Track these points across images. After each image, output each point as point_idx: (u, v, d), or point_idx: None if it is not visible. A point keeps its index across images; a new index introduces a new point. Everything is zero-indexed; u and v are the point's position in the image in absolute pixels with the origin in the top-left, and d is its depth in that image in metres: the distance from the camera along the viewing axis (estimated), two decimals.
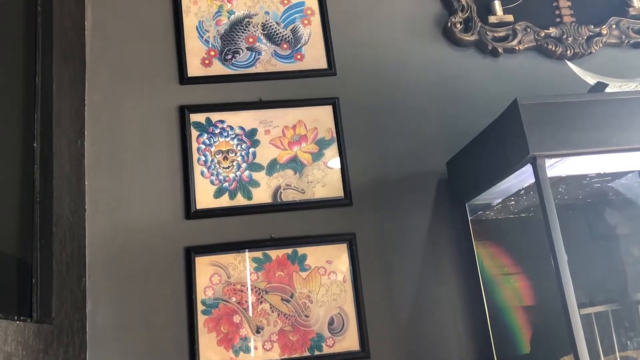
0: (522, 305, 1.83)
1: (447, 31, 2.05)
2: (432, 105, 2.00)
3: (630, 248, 1.91)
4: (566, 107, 1.43)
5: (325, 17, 2.04)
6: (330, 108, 1.94)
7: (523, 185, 1.61)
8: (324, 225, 1.84)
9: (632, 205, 1.91)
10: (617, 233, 1.93)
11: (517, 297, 1.84)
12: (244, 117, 1.91)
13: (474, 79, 2.04)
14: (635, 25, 2.12)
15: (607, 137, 1.42)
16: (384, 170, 1.92)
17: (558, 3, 2.11)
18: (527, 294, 1.85)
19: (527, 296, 1.85)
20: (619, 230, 1.93)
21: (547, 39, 2.06)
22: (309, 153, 1.90)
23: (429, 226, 1.88)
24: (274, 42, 2.00)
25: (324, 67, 1.99)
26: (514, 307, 1.83)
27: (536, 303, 1.85)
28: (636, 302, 1.80)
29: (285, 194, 1.85)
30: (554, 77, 2.03)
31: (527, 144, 1.37)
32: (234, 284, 1.75)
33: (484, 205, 1.82)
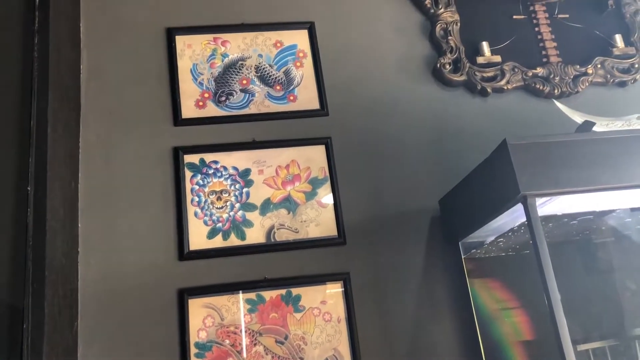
0: (519, 340, 1.82)
1: (437, 72, 2.10)
2: (424, 144, 2.03)
3: (626, 283, 1.92)
4: (555, 147, 1.45)
5: (317, 59, 2.08)
6: (323, 147, 1.97)
7: (515, 223, 1.63)
8: (318, 265, 1.83)
9: (625, 240, 1.93)
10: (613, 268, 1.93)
11: (515, 333, 1.83)
12: (238, 158, 1.92)
13: (464, 118, 2.07)
14: (620, 64, 2.17)
15: (595, 176, 1.44)
16: (377, 209, 1.93)
17: (544, 43, 2.16)
18: (524, 329, 1.84)
19: (525, 331, 1.84)
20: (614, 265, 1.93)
21: (534, 78, 2.10)
22: (303, 192, 1.91)
23: (423, 264, 1.88)
24: (267, 84, 2.04)
25: (316, 108, 2.02)
26: (511, 342, 1.81)
27: (534, 338, 1.83)
28: (634, 337, 1.79)
29: (279, 234, 1.85)
30: (542, 115, 2.06)
31: (517, 183, 1.39)
32: (227, 326, 1.74)
33: (477, 243, 1.82)
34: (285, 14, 2.13)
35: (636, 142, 1.50)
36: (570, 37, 2.19)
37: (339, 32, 2.14)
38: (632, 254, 1.93)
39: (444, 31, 2.13)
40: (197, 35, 2.06)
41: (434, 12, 2.15)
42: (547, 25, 2.19)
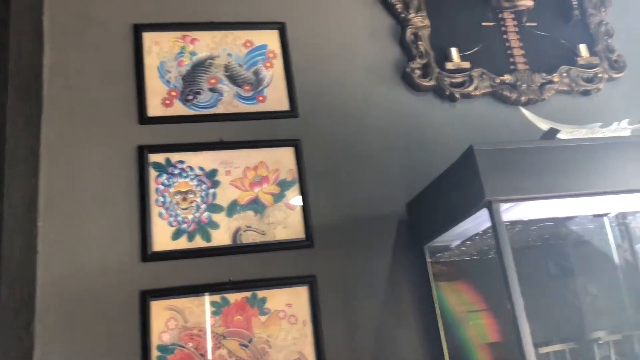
0: (485, 342, 1.84)
1: (407, 76, 2.11)
2: (393, 148, 2.03)
3: (587, 287, 1.95)
4: (520, 153, 1.47)
5: (287, 60, 2.06)
6: (292, 149, 1.95)
7: (480, 228, 1.64)
8: (285, 268, 1.82)
9: (587, 245, 1.97)
10: (574, 273, 1.97)
11: (481, 335, 1.85)
12: (205, 158, 1.89)
13: (433, 122, 2.08)
14: (584, 73, 2.21)
15: (559, 183, 1.46)
16: (346, 212, 1.92)
17: (512, 51, 2.19)
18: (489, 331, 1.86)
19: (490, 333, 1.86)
20: (576, 270, 1.97)
21: (502, 85, 2.13)
22: (271, 194, 1.90)
23: (390, 268, 1.89)
24: (236, 84, 2.01)
25: (286, 109, 2.00)
26: (477, 344, 1.83)
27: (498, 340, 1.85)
28: (593, 340, 1.82)
29: (246, 236, 1.83)
30: (509, 122, 2.08)
31: (482, 188, 1.40)
32: (191, 329, 1.71)
33: (443, 247, 1.84)
34: (256, 14, 2.11)
35: (598, 150, 1.52)
36: (538, 45, 2.22)
37: (310, 33, 2.13)
38: (593, 259, 1.97)
39: (414, 36, 2.14)
40: (165, 32, 2.03)
41: (404, 16, 2.16)
42: (515, 32, 2.22)
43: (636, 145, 1.58)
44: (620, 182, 1.50)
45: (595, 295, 1.94)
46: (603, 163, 1.50)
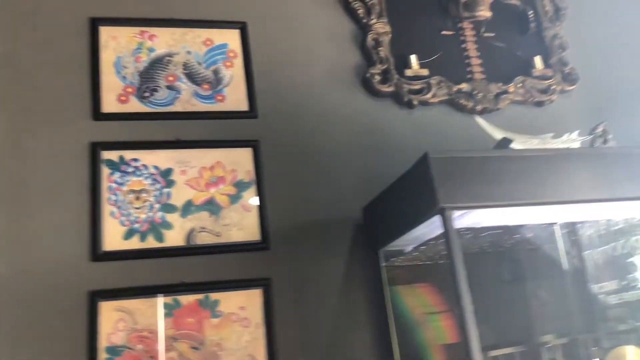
0: (439, 344, 1.85)
1: (366, 81, 2.12)
2: (351, 152, 2.04)
3: (537, 292, 2.00)
4: (473, 161, 1.50)
5: (248, 60, 2.05)
6: (251, 150, 1.94)
7: (433, 234, 1.66)
8: (239, 270, 1.80)
9: (538, 252, 2.02)
10: (525, 278, 2.02)
11: (434, 338, 1.86)
12: (160, 157, 1.86)
13: (391, 128, 2.10)
14: (539, 85, 2.27)
15: (510, 192, 1.49)
16: (303, 215, 1.92)
17: (470, 60, 2.23)
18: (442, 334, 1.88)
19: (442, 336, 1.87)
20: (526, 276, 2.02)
21: (459, 93, 2.16)
22: (227, 195, 1.87)
23: (345, 271, 1.89)
24: (195, 82, 1.98)
25: (245, 110, 1.99)
26: (433, 346, 1.85)
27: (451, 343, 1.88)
28: (541, 344, 1.87)
29: (200, 237, 1.81)
30: (465, 129, 2.12)
31: (436, 195, 1.42)
32: (140, 331, 1.67)
33: (397, 251, 1.85)
34: (217, 12, 2.09)
35: (549, 161, 1.56)
36: (494, 56, 2.27)
37: (271, 34, 2.12)
38: (543, 265, 2.02)
39: (375, 42, 2.15)
40: (123, 27, 1.98)
41: (366, 22, 2.17)
42: (473, 42, 2.26)
43: (585, 157, 1.63)
44: (569, 192, 1.54)
45: (545, 300, 1.99)
46: (553, 173, 1.54)
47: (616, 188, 1.57)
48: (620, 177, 1.58)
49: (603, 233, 2.00)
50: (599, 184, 1.56)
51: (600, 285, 2.00)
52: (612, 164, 1.59)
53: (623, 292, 1.93)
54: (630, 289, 1.92)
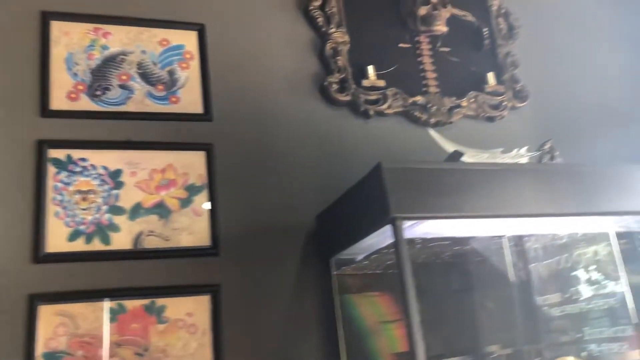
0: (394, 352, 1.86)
1: (324, 90, 2.12)
2: (307, 159, 2.03)
3: (484, 303, 2.04)
4: (425, 173, 1.52)
5: (205, 62, 2.02)
6: (204, 154, 1.91)
7: (384, 243, 1.67)
8: (188, 276, 1.77)
9: (487, 263, 2.06)
10: (474, 289, 2.05)
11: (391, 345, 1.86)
12: (109, 157, 1.81)
13: (346, 137, 2.11)
14: (491, 100, 2.33)
15: (460, 204, 1.52)
16: (255, 221, 1.90)
17: (425, 74, 2.27)
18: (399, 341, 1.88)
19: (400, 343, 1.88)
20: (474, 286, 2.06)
21: (414, 106, 2.20)
22: (177, 199, 1.84)
23: (296, 279, 1.88)
24: (149, 82, 1.95)
25: (199, 112, 1.96)
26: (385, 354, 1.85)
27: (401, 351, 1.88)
28: (487, 354, 1.90)
29: (148, 241, 1.77)
30: (419, 141, 2.14)
31: (388, 205, 1.43)
32: (82, 336, 1.62)
33: (349, 260, 1.86)
34: (175, 13, 2.05)
35: (498, 175, 1.60)
36: (449, 70, 2.31)
37: (230, 38, 2.10)
38: (491, 276, 2.07)
39: (334, 50, 2.16)
40: (76, 22, 1.93)
41: (325, 30, 2.18)
42: (429, 56, 2.30)
43: (532, 173, 1.68)
44: (516, 206, 1.59)
45: (492, 310, 2.03)
46: (502, 187, 1.58)
47: (561, 204, 1.63)
48: (565, 193, 1.64)
49: (548, 246, 2.06)
50: (544, 199, 1.61)
51: (545, 297, 2.05)
52: (557, 180, 1.65)
53: (565, 304, 1.99)
54: (573, 301, 1.97)
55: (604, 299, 1.92)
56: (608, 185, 1.69)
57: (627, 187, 1.71)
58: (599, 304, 1.93)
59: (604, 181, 1.69)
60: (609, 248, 1.91)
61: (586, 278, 1.98)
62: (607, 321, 1.89)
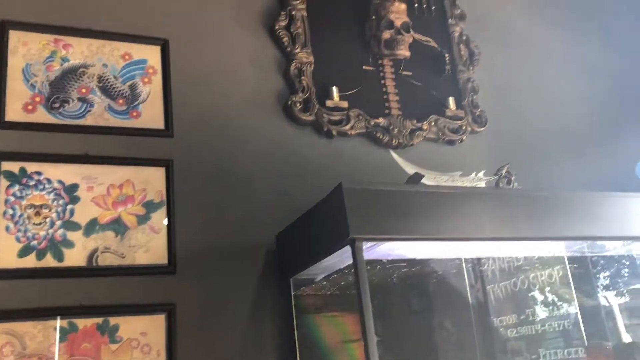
0: None
1: (288, 108, 2.13)
2: (268, 178, 2.03)
3: (443, 323, 2.06)
4: (385, 195, 1.53)
5: (167, 77, 2.00)
6: (163, 170, 1.88)
7: (344, 263, 1.67)
8: (143, 294, 1.73)
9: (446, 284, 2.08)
10: (433, 309, 2.07)
11: None
12: (65, 171, 1.77)
13: (309, 156, 2.12)
14: (451, 124, 2.37)
15: (419, 226, 1.54)
16: (214, 239, 1.88)
17: (388, 97, 2.30)
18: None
19: None
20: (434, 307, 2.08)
21: (376, 127, 2.22)
22: (135, 215, 1.80)
23: (255, 299, 1.86)
24: (110, 96, 1.91)
25: (160, 128, 1.93)
26: None
27: None
28: None
29: (103, 258, 1.72)
30: (380, 163, 2.16)
31: (347, 226, 1.43)
32: (29, 356, 1.56)
33: (308, 280, 1.85)
34: (138, 27, 2.03)
35: (457, 199, 1.63)
36: (411, 94, 2.35)
37: (194, 54, 2.09)
38: (450, 297, 2.09)
39: (299, 70, 2.18)
40: (35, 33, 1.89)
41: (290, 50, 2.20)
42: (392, 79, 2.33)
43: (489, 197, 1.71)
44: (473, 229, 1.61)
45: (450, 331, 2.05)
46: (460, 211, 1.61)
47: (516, 228, 1.66)
48: (520, 218, 1.67)
49: (505, 268, 2.10)
50: (500, 223, 1.64)
51: (501, 318, 2.08)
52: (513, 205, 1.68)
53: (520, 326, 2.02)
54: (528, 323, 2.01)
55: (558, 321, 1.96)
56: (562, 210, 1.73)
57: (580, 212, 1.76)
58: (554, 326, 1.97)
59: (559, 206, 1.74)
60: (563, 271, 1.95)
61: (541, 300, 2.02)
62: (562, 342, 1.93)
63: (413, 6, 2.47)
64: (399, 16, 2.31)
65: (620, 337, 2.07)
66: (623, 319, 2.14)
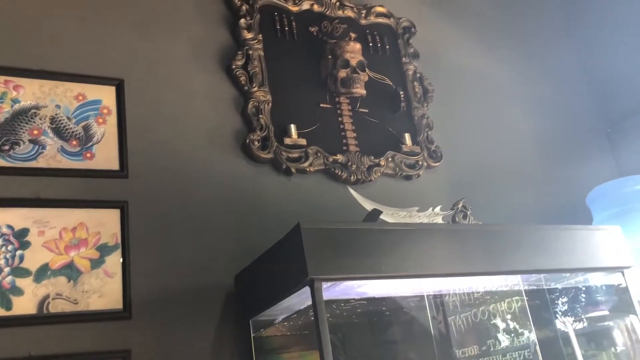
0: None
1: (246, 147, 2.13)
2: (227, 217, 2.01)
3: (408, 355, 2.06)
4: (343, 233, 1.54)
5: (122, 117, 1.97)
6: (118, 212, 1.84)
7: (304, 304, 1.66)
8: (97, 341, 1.67)
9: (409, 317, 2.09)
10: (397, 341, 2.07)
11: None
12: (15, 215, 1.71)
13: (268, 195, 2.11)
14: (407, 160, 2.41)
15: (377, 264, 1.54)
16: (170, 282, 1.83)
17: (346, 133, 2.33)
18: None
19: None
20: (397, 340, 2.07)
21: (334, 164, 2.24)
22: (88, 259, 1.75)
23: (213, 342, 1.82)
24: (62, 138, 1.88)
25: (115, 169, 1.90)
26: None
27: None
28: None
29: (54, 305, 1.66)
30: (339, 199, 2.17)
31: (306, 266, 1.43)
32: None
33: (268, 322, 1.82)
34: (92, 67, 2.00)
35: (414, 235, 1.65)
36: (368, 130, 2.39)
37: (149, 94, 2.07)
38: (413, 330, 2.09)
39: (256, 109, 2.19)
40: None
41: (247, 89, 2.21)
42: (349, 116, 2.37)
43: (445, 232, 1.74)
44: (431, 265, 1.63)
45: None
46: (417, 247, 1.63)
47: (472, 263, 1.69)
48: (476, 252, 1.70)
49: (465, 301, 2.11)
50: (457, 258, 1.67)
51: (463, 350, 2.09)
52: (469, 240, 1.72)
53: (482, 357, 2.03)
54: (489, 354, 2.02)
55: (519, 350, 1.98)
56: (515, 244, 1.77)
57: (532, 246, 1.81)
58: (514, 356, 1.98)
59: (511, 240, 1.78)
60: (521, 302, 1.98)
61: (503, 328, 2.04)
62: None
63: (368, 45, 2.53)
64: (354, 55, 2.36)
65: None
66: (580, 346, 2.17)
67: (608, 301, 2.20)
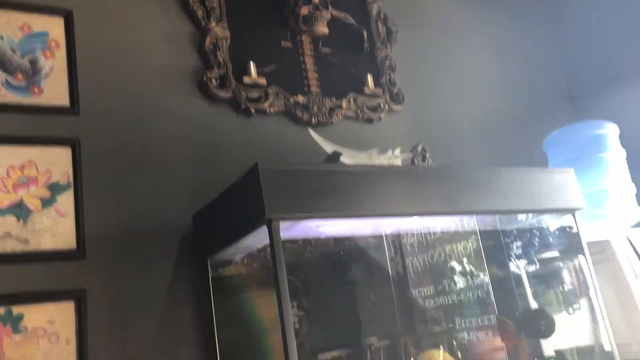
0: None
1: (203, 85, 2.06)
2: (183, 157, 1.96)
3: (368, 296, 2.10)
4: (302, 175, 1.52)
5: (72, 51, 1.87)
6: (69, 150, 1.77)
7: (263, 243, 1.66)
8: (50, 281, 1.64)
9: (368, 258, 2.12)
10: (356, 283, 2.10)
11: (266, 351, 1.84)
12: None
13: (226, 135, 2.06)
14: (369, 102, 2.39)
15: (336, 204, 1.54)
16: (126, 221, 1.80)
17: (307, 73, 2.28)
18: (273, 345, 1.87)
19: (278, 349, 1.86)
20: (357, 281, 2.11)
21: (295, 105, 2.20)
22: (39, 198, 1.70)
23: (170, 282, 1.81)
24: (7, 70, 1.77)
25: (65, 105, 1.82)
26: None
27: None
28: (366, 346, 1.96)
29: (3, 244, 1.61)
30: (300, 141, 2.14)
31: (263, 206, 1.42)
32: None
33: (226, 261, 1.82)
34: None
35: (372, 176, 1.65)
36: (330, 71, 2.33)
37: (101, 27, 1.97)
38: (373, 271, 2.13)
39: (214, 45, 2.11)
40: None
41: (205, 24, 2.12)
42: (311, 56, 2.31)
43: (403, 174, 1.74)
44: (389, 206, 1.64)
45: (373, 304, 2.09)
46: (375, 188, 1.63)
47: (429, 203, 1.71)
48: (433, 193, 1.72)
49: (422, 242, 2.15)
50: (414, 199, 1.68)
51: (419, 289, 2.14)
52: (426, 181, 1.72)
53: (437, 296, 2.09)
54: (444, 293, 2.08)
55: (473, 290, 2.04)
56: (471, 186, 1.80)
57: (488, 187, 1.84)
58: (469, 295, 2.05)
59: (468, 182, 1.80)
60: (477, 243, 2.03)
61: (458, 270, 2.10)
62: (476, 310, 2.01)
63: None
64: None
65: (528, 304, 2.19)
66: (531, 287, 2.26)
67: (559, 243, 2.27)
